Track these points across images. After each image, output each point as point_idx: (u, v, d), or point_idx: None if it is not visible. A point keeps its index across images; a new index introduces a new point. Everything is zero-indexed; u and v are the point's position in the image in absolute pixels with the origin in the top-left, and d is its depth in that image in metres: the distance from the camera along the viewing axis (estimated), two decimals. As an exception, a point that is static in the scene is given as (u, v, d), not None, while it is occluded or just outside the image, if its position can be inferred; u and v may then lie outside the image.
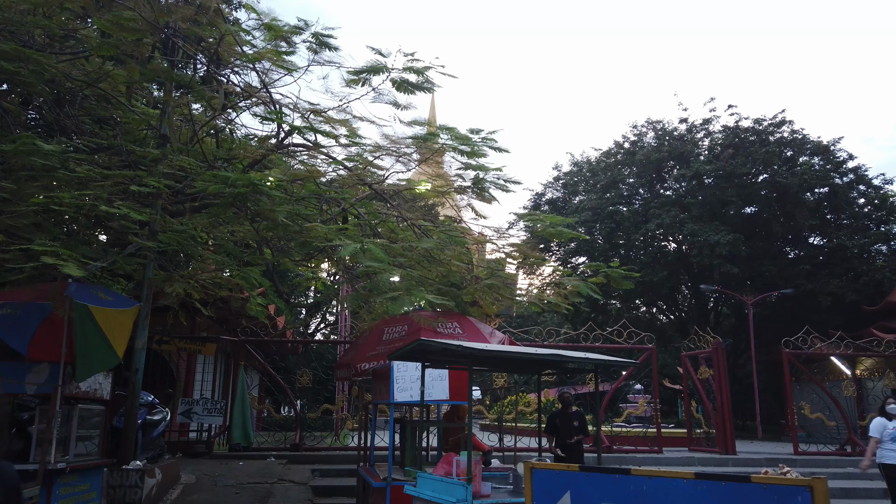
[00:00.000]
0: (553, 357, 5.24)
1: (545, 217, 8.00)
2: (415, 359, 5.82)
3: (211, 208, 5.93)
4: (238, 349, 13.65)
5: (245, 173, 6.87)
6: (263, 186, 5.66)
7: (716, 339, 14.55)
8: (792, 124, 30.94)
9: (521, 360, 6.01)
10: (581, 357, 5.36)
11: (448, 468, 4.98)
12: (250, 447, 12.85)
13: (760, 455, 14.03)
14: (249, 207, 6.00)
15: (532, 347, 8.34)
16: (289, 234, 6.77)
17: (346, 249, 5.76)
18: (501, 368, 8.17)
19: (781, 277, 28.65)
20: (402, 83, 7.06)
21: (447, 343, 4.86)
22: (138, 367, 8.53)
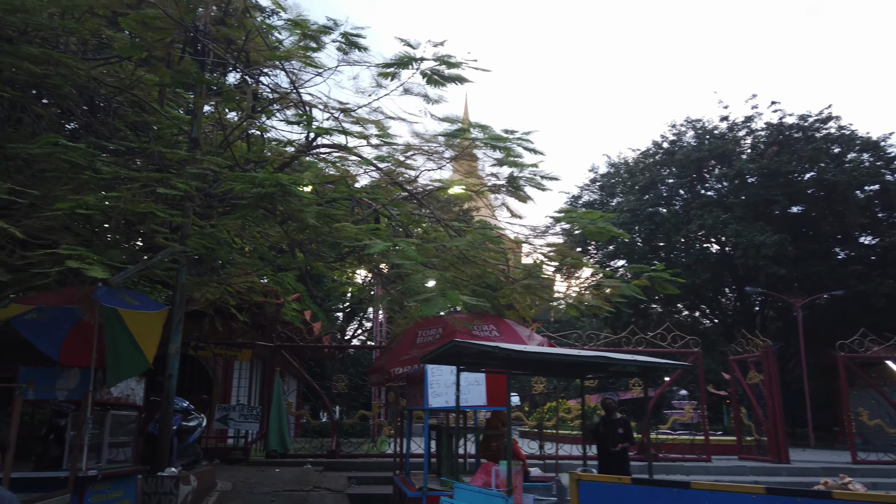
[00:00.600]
0: (598, 359, 4.92)
1: (584, 214, 7.65)
2: (449, 362, 5.55)
3: (239, 209, 5.77)
4: (274, 355, 13.57)
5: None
6: (291, 186, 5.47)
7: (765, 342, 13.92)
8: (839, 120, 29.79)
9: (564, 363, 5.67)
10: (628, 359, 5.01)
11: (487, 479, 4.68)
12: (287, 454, 12.73)
13: (816, 464, 13.35)
14: (278, 208, 5.83)
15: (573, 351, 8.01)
16: (319, 235, 6.58)
17: (376, 248, 5.53)
18: (542, 372, 7.84)
19: (831, 278, 27.55)
20: (433, 75, 6.82)
21: (483, 344, 4.58)
22: (172, 372, 8.43)
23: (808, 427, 25.01)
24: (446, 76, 6.81)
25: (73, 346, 6.32)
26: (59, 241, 5.74)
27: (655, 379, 16.09)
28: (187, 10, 6.45)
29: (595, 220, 7.41)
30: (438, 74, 6.81)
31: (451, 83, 6.90)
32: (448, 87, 7.11)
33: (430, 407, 6.38)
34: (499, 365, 5.54)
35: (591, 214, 7.47)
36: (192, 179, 6.16)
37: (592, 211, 7.47)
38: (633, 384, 13.92)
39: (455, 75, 6.82)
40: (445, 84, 6.89)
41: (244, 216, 5.87)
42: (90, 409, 5.94)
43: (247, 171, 7.00)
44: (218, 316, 12.48)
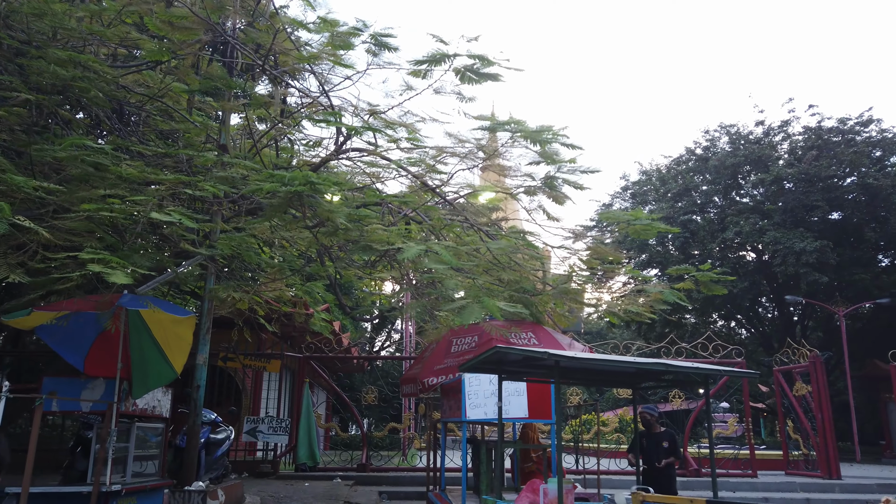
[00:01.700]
0: (657, 366, 4.54)
1: (624, 214, 7.25)
2: (490, 370, 5.22)
3: (266, 209, 5.54)
4: (303, 366, 13.36)
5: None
6: (321, 185, 5.22)
7: (813, 353, 13.30)
8: (880, 122, 28.84)
9: (618, 372, 5.28)
10: (689, 367, 4.61)
11: (534, 497, 4.33)
12: (316, 467, 12.48)
13: (870, 480, 12.65)
14: (307, 209, 5.58)
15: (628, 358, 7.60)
16: (350, 238, 6.32)
17: (409, 252, 5.24)
18: (592, 382, 7.35)
19: (875, 286, 26.56)
20: (467, 72, 6.55)
21: (531, 350, 4.25)
22: (199, 383, 8.23)
23: (854, 441, 24.00)
24: (482, 73, 6.52)
25: (98, 355, 6.14)
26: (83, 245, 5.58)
27: (695, 391, 15.53)
28: (214, 9, 6.28)
29: (638, 217, 7.00)
30: (473, 71, 6.53)
31: (487, 80, 6.61)
32: (483, 85, 6.83)
33: (468, 419, 6.05)
34: (545, 374, 5.19)
35: (632, 213, 7.07)
36: (219, 183, 5.95)
37: (636, 210, 7.06)
38: (672, 396, 13.39)
39: (491, 73, 6.54)
40: (480, 82, 6.61)
41: (272, 217, 5.63)
42: (115, 421, 5.74)
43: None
44: (247, 326, 12.35)
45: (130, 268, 5.07)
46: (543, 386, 6.22)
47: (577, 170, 6.98)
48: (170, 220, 4.96)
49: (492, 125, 6.90)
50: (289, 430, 12.29)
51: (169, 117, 8.90)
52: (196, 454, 8.11)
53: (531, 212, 8.62)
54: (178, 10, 6.03)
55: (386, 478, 11.99)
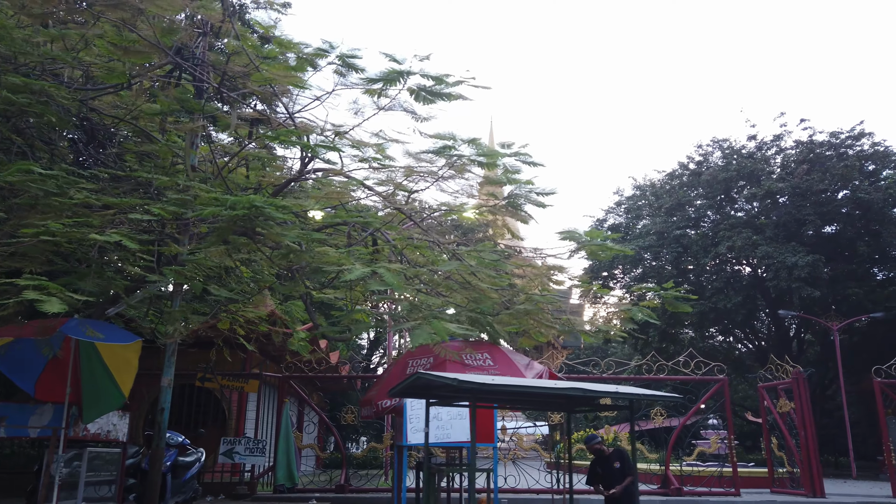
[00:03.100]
0: (568, 391, 4.49)
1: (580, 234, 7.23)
2: (417, 395, 5.18)
3: (211, 234, 5.53)
4: (282, 386, 13.30)
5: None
6: (267, 209, 5.21)
7: (795, 369, 13.19)
8: (872, 136, 28.86)
9: (533, 395, 5.21)
10: (603, 391, 4.55)
11: None
12: (295, 488, 12.37)
13: (853, 498, 12.51)
14: (257, 231, 5.57)
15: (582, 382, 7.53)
16: (302, 261, 6.30)
17: (353, 273, 5.22)
18: (517, 405, 7.12)
19: (870, 300, 26.42)
20: (420, 92, 6.56)
21: (442, 376, 4.21)
22: (164, 406, 8.17)
23: (850, 456, 23.75)
24: (434, 92, 6.54)
25: (49, 380, 6.13)
26: (34, 270, 5.57)
27: (679, 408, 15.35)
28: (165, 33, 6.31)
29: (595, 237, 7.00)
30: (426, 90, 6.55)
31: (440, 99, 6.62)
32: (438, 104, 6.84)
33: (408, 443, 6.00)
34: (464, 397, 5.14)
35: (592, 233, 7.06)
36: (172, 205, 5.95)
37: (594, 230, 7.04)
38: (654, 414, 13.27)
39: (444, 91, 6.55)
40: (434, 101, 6.62)
41: (218, 242, 5.62)
42: (62, 446, 5.70)
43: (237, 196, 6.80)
44: (226, 346, 12.32)
45: (73, 294, 5.04)
46: (486, 410, 6.15)
47: (535, 191, 6.97)
48: (108, 240, 4.95)
49: (441, 148, 6.89)
50: (266, 451, 12.21)
51: (147, 138, 8.94)
52: (159, 477, 8.03)
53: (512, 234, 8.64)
54: (129, 35, 6.06)
55: (364, 499, 11.88)
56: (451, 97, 6.62)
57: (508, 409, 6.78)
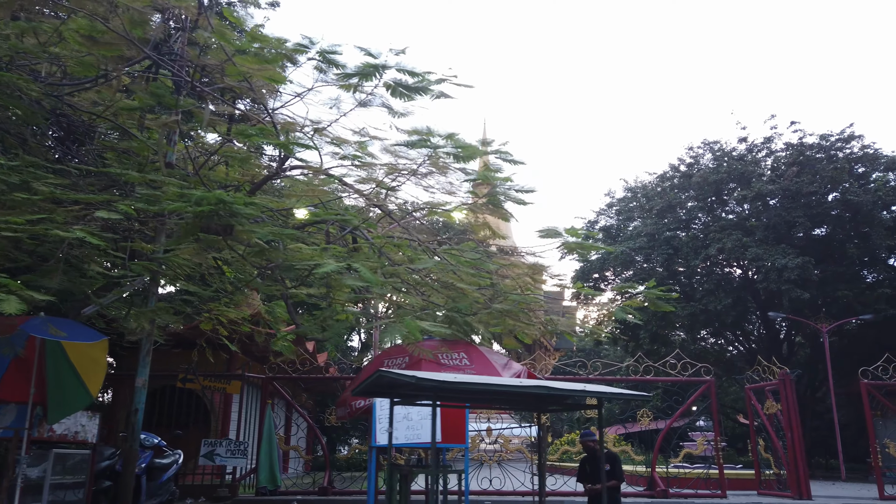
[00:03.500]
0: (533, 389, 4.37)
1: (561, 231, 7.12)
2: (382, 394, 5.06)
3: (180, 230, 5.39)
4: (265, 387, 13.15)
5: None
6: (235, 205, 5.08)
7: (782, 370, 13.13)
8: (862, 139, 28.94)
9: (499, 394, 5.08)
10: (568, 388, 4.44)
11: None
12: (277, 490, 12.22)
13: (839, 500, 12.44)
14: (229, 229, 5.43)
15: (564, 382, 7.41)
16: (275, 258, 6.17)
17: (326, 268, 5.10)
18: (485, 404, 6.87)
19: (859, 302, 26.44)
20: (397, 87, 6.45)
21: (401, 374, 4.10)
22: (138, 406, 8.02)
23: (839, 459, 23.73)
24: (411, 87, 6.42)
25: (14, 379, 5.97)
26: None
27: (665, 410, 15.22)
28: (135, 24, 6.18)
29: (574, 235, 6.88)
30: (402, 86, 6.43)
31: (417, 94, 6.51)
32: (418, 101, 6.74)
33: (376, 444, 5.88)
34: (427, 396, 5.02)
35: (572, 231, 6.95)
36: (141, 202, 5.82)
37: (572, 229, 6.93)
38: (641, 415, 13.19)
39: (421, 86, 6.44)
40: (411, 96, 6.51)
41: (186, 238, 5.49)
42: (24, 447, 5.55)
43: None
44: (209, 347, 12.17)
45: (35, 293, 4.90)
46: (458, 411, 6.04)
47: (515, 188, 6.87)
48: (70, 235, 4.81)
49: (416, 141, 6.76)
50: (248, 453, 12.06)
51: (126, 135, 8.79)
52: (132, 480, 7.87)
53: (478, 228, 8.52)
54: (98, 25, 5.93)
55: (347, 501, 11.74)
56: (428, 91, 6.51)
57: (482, 409, 6.60)
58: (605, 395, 4.68)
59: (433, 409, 4.19)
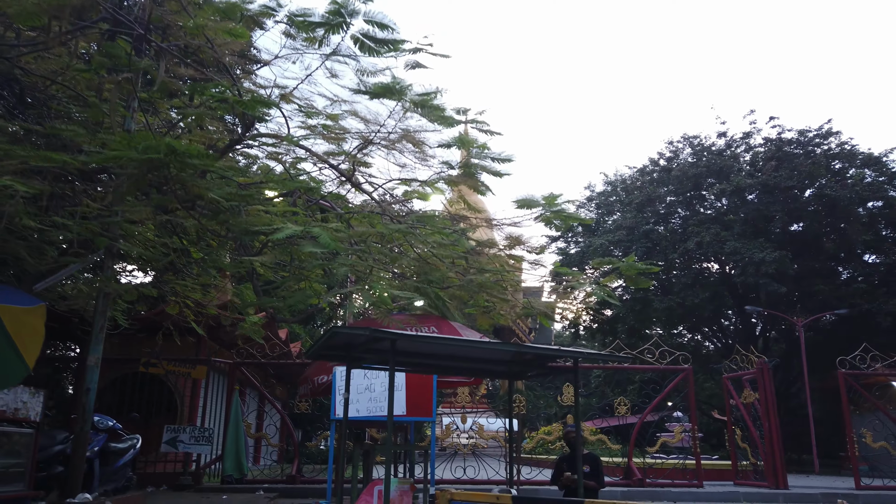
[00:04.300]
0: (507, 347, 4.02)
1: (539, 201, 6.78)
2: (338, 358, 4.68)
3: (123, 181, 4.97)
4: (232, 373, 12.70)
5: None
6: (188, 156, 4.67)
7: (760, 359, 12.98)
8: (839, 135, 29.08)
9: (467, 359, 4.64)
10: (543, 347, 4.10)
11: (370, 501, 3.82)
12: (244, 479, 11.78)
13: (816, 490, 12.30)
14: (172, 183, 5.02)
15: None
16: (235, 223, 5.76)
17: (284, 232, 4.72)
18: (453, 371, 6.26)
19: (835, 297, 26.58)
20: (364, 39, 6.05)
21: (357, 329, 3.73)
22: (90, 386, 7.56)
23: (813, 453, 23.80)
24: (380, 40, 6.03)
25: (-55, 349, 5.48)
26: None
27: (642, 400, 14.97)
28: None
29: (552, 203, 6.53)
30: (371, 38, 6.03)
31: (386, 49, 6.11)
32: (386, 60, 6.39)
33: (335, 417, 5.50)
34: (387, 359, 4.59)
35: (549, 199, 6.59)
36: (83, 156, 5.38)
37: (552, 196, 6.58)
38: (618, 403, 12.94)
39: (390, 39, 6.05)
40: (380, 51, 6.12)
41: (131, 191, 5.07)
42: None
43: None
44: (176, 330, 11.69)
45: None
46: (425, 380, 5.69)
47: (490, 156, 6.53)
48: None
49: (384, 88, 6.31)
50: (213, 440, 11.61)
51: (82, 101, 8.31)
52: (82, 462, 7.44)
53: (453, 203, 8.17)
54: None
55: (315, 490, 11.33)
56: (397, 45, 6.13)
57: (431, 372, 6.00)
58: (580, 354, 4.37)
59: (391, 372, 3.76)
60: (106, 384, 13.23)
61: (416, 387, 5.78)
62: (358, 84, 6.43)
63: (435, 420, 4.52)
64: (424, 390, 5.75)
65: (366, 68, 6.44)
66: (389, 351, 3.66)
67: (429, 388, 5.73)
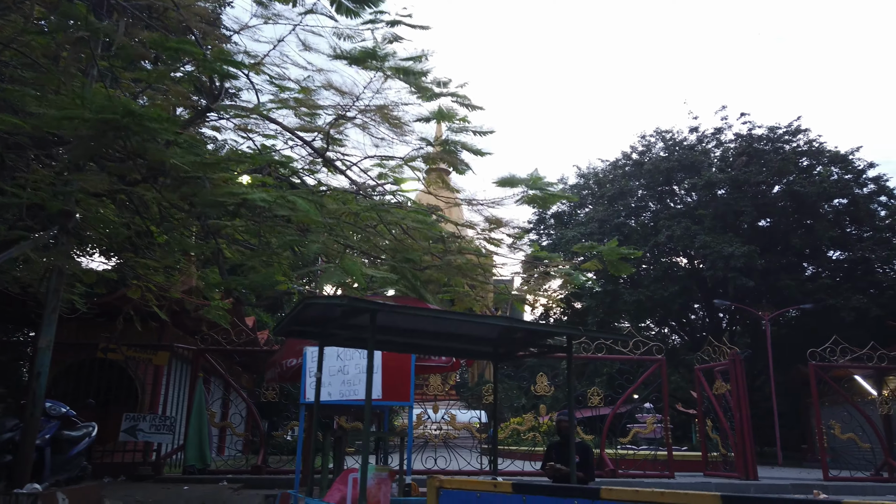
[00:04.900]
0: (498, 321, 3.79)
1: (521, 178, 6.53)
2: (312, 335, 4.36)
3: (73, 146, 4.58)
4: (196, 359, 12.25)
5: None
6: (146, 119, 4.29)
7: (733, 350, 12.98)
8: (808, 133, 29.55)
9: (452, 336, 4.33)
10: (536, 324, 3.89)
11: (344, 490, 3.53)
12: (207, 469, 11.37)
13: (786, 481, 12.37)
14: (127, 148, 4.62)
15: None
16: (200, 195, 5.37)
17: (255, 196, 4.37)
18: (433, 351, 5.86)
19: (800, 292, 27.00)
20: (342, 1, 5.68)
21: (334, 299, 3.42)
22: (41, 370, 7.11)
23: (777, 445, 24.16)
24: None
25: None
26: None
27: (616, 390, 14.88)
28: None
29: (536, 182, 6.27)
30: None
31: (364, 7, 5.74)
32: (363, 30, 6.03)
33: (305, 400, 5.18)
34: (361, 338, 4.26)
35: (535, 179, 6.33)
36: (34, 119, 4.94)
37: (537, 176, 6.32)
38: (591, 394, 12.83)
39: None
40: (358, 12, 5.76)
41: (82, 157, 4.67)
42: None
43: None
44: (137, 315, 11.20)
45: None
46: (402, 362, 5.41)
47: (471, 129, 6.24)
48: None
49: (362, 53, 5.96)
50: (174, 429, 11.17)
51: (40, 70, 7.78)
52: (31, 452, 7.00)
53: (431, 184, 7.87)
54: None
55: (281, 480, 10.98)
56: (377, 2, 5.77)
57: (408, 350, 5.56)
58: (576, 331, 4.14)
59: (370, 352, 3.42)
60: (63, 370, 12.67)
61: (393, 368, 5.46)
62: (334, 49, 6.07)
63: (412, 405, 4.25)
64: (402, 372, 5.43)
65: (343, 32, 6.08)
66: (369, 325, 3.35)
67: (407, 369, 5.41)
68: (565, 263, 7.14)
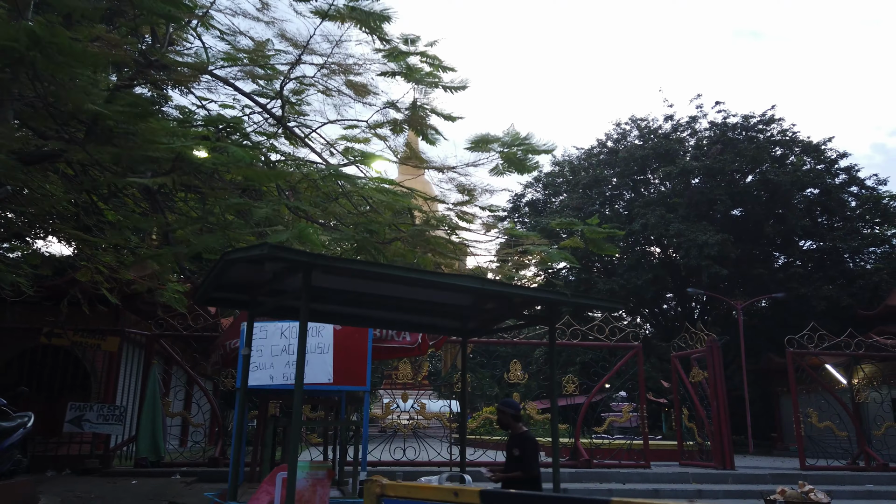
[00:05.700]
0: (468, 283, 3.21)
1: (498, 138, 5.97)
2: (238, 304, 3.69)
3: None
4: (150, 345, 11.52)
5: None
6: (59, 49, 3.62)
7: (710, 337, 12.65)
8: (782, 122, 29.54)
9: (414, 301, 3.69)
10: (515, 287, 3.37)
11: (272, 492, 2.98)
12: (160, 462, 10.67)
13: (764, 470, 12.10)
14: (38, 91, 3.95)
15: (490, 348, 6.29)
16: (128, 147, 4.70)
17: (200, 154, 3.76)
18: (389, 322, 4.98)
19: (773, 281, 27.02)
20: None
21: (253, 250, 2.75)
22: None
23: (748, 434, 24.15)
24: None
25: None
26: None
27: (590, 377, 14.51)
28: None
29: (516, 139, 5.67)
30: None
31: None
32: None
33: (238, 386, 4.56)
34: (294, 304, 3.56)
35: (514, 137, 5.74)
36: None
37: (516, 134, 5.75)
38: (566, 382, 12.40)
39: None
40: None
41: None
42: None
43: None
44: (85, 299, 10.43)
45: None
46: (358, 341, 4.83)
47: (441, 83, 5.66)
48: None
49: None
50: (124, 420, 10.45)
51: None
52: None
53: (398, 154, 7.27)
54: None
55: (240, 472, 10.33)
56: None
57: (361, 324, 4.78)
58: (560, 297, 3.59)
59: (303, 316, 2.76)
60: (16, 357, 11.88)
61: (347, 349, 4.82)
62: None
63: (369, 390, 3.69)
64: (357, 353, 4.80)
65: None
66: (303, 286, 2.71)
67: (363, 350, 4.77)
68: (543, 242, 6.63)
